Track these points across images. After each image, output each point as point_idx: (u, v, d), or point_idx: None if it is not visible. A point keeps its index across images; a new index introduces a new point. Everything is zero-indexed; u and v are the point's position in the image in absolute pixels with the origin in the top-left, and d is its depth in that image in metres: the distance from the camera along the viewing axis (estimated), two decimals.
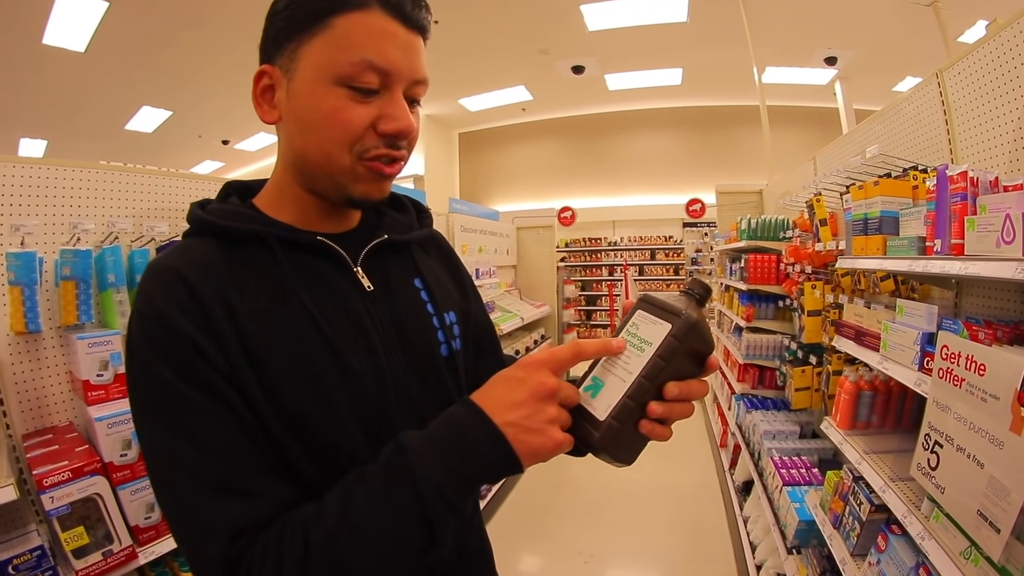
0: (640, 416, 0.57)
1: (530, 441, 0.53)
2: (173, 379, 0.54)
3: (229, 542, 0.52)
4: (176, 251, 0.62)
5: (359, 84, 0.59)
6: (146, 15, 5.21)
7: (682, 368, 0.58)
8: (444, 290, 0.80)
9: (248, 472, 0.55)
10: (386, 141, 0.62)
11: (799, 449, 2.49)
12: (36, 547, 1.31)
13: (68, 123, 7.70)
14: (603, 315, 9.71)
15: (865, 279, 2.02)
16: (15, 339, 1.54)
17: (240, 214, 0.66)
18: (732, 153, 9.23)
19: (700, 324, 0.58)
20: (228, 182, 0.74)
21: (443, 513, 0.52)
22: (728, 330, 4.06)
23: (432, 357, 0.73)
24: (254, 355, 0.58)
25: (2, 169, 1.52)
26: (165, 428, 0.55)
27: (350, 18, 0.58)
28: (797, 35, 6.23)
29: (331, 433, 0.61)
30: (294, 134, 0.63)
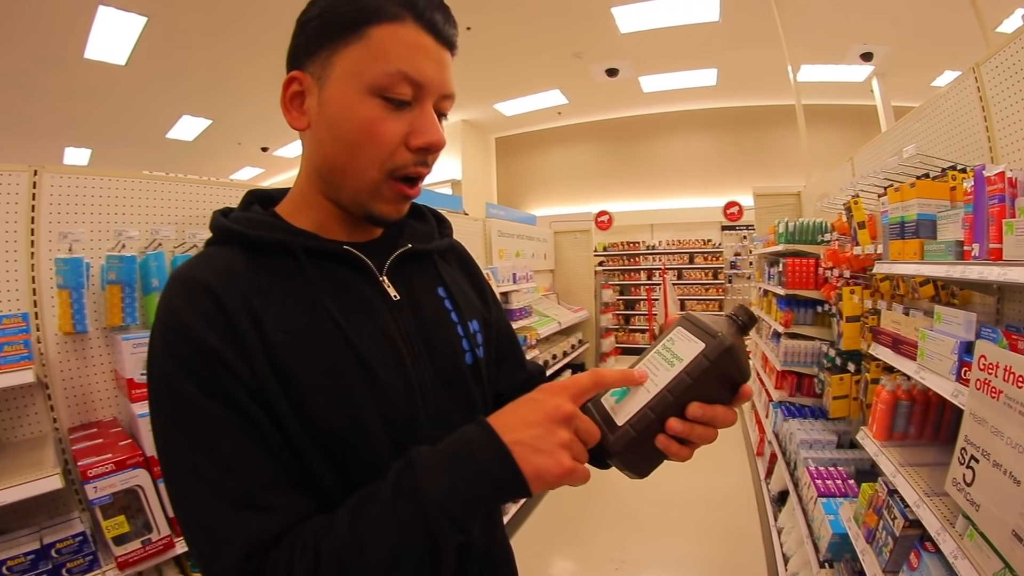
0: (658, 430, 0.56)
1: (536, 462, 0.51)
2: (195, 393, 0.53)
3: (245, 557, 0.51)
4: (200, 260, 0.61)
5: (393, 95, 0.59)
6: (183, 28, 5.45)
7: (710, 391, 0.57)
8: (467, 299, 0.80)
9: (268, 487, 0.54)
10: (416, 157, 0.63)
11: (836, 459, 2.40)
12: (78, 533, 1.39)
13: (111, 133, 8.07)
14: (641, 319, 9.56)
15: (904, 284, 1.94)
16: (63, 339, 1.64)
17: (264, 222, 0.65)
18: (769, 154, 8.96)
19: (735, 350, 0.56)
20: (250, 190, 0.74)
21: (447, 530, 0.50)
22: (766, 336, 3.95)
23: (457, 366, 0.72)
24: (281, 367, 0.57)
25: (50, 180, 1.62)
26: (185, 441, 0.54)
27: (385, 29, 0.58)
28: (831, 31, 6.00)
29: (358, 446, 0.60)
30: (324, 141, 0.62)
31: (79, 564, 1.37)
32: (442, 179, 9.63)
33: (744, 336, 0.59)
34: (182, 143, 8.90)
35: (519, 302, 4.03)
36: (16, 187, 1.55)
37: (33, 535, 1.39)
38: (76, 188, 1.69)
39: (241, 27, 5.46)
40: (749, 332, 0.59)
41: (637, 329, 9.60)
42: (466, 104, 8.88)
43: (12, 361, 1.37)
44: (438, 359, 0.70)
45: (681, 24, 6.02)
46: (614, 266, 9.89)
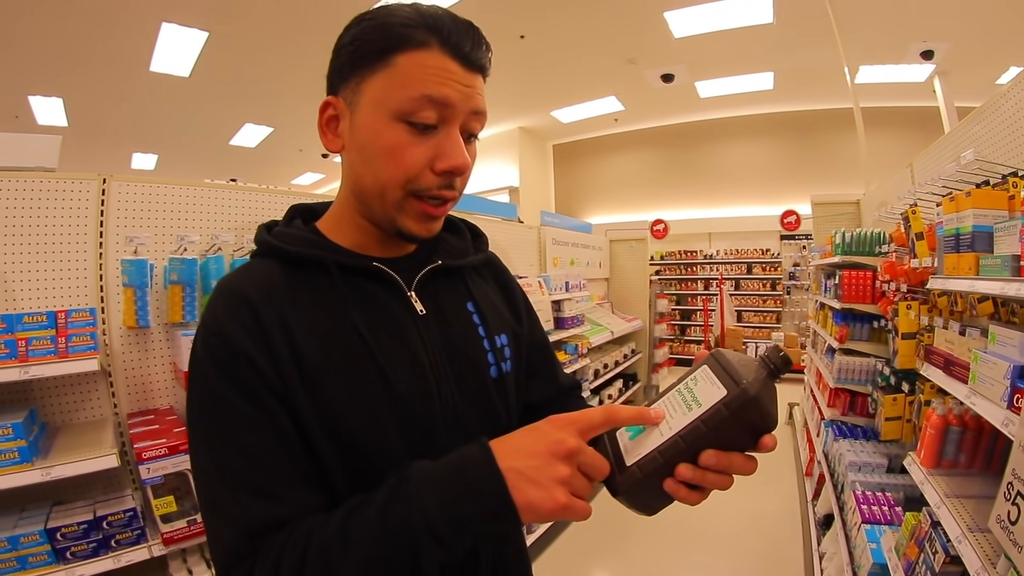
0: (667, 474, 0.55)
1: (529, 492, 0.51)
2: (227, 390, 0.58)
3: (248, 537, 0.56)
4: (243, 272, 0.66)
5: (417, 120, 0.61)
6: (244, 41, 5.75)
7: (728, 438, 0.54)
8: (496, 313, 0.81)
9: (279, 480, 0.58)
10: (442, 180, 0.64)
11: (884, 484, 2.25)
12: (129, 508, 1.52)
13: (176, 140, 8.61)
14: (697, 330, 9.31)
15: (962, 300, 1.81)
16: (127, 333, 1.80)
17: (302, 239, 0.69)
18: (829, 160, 8.53)
19: (760, 399, 0.53)
20: (293, 205, 0.78)
21: (430, 547, 0.51)
22: (821, 351, 3.77)
23: (482, 380, 0.74)
24: (308, 375, 0.60)
25: (118, 188, 1.78)
26: (214, 429, 0.59)
27: (411, 56, 0.60)
28: (888, 29, 5.65)
29: (376, 453, 0.63)
30: (355, 163, 0.66)
31: (127, 537, 1.50)
32: (500, 186, 9.72)
33: (775, 381, 0.55)
34: (245, 149, 9.39)
35: (571, 310, 3.99)
36: (87, 194, 1.72)
37: (88, 507, 1.53)
38: (142, 195, 1.85)
39: (299, 38, 5.73)
40: (780, 377, 0.55)
41: (692, 340, 9.36)
42: (523, 111, 8.94)
43: (79, 351, 1.51)
44: (462, 373, 0.72)
45: (734, 27, 5.85)
46: (671, 275, 9.68)
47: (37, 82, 6.17)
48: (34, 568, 1.39)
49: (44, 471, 1.37)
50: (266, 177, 10.98)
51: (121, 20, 5.03)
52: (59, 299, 1.68)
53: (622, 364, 5.10)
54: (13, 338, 1.42)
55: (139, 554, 1.51)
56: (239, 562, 0.56)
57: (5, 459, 1.34)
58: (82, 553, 1.45)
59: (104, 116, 7.28)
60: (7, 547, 1.36)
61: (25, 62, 5.63)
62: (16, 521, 1.45)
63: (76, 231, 1.72)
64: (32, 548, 1.38)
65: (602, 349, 4.91)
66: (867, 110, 5.45)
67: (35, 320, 1.45)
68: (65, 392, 1.69)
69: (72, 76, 6.05)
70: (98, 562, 1.45)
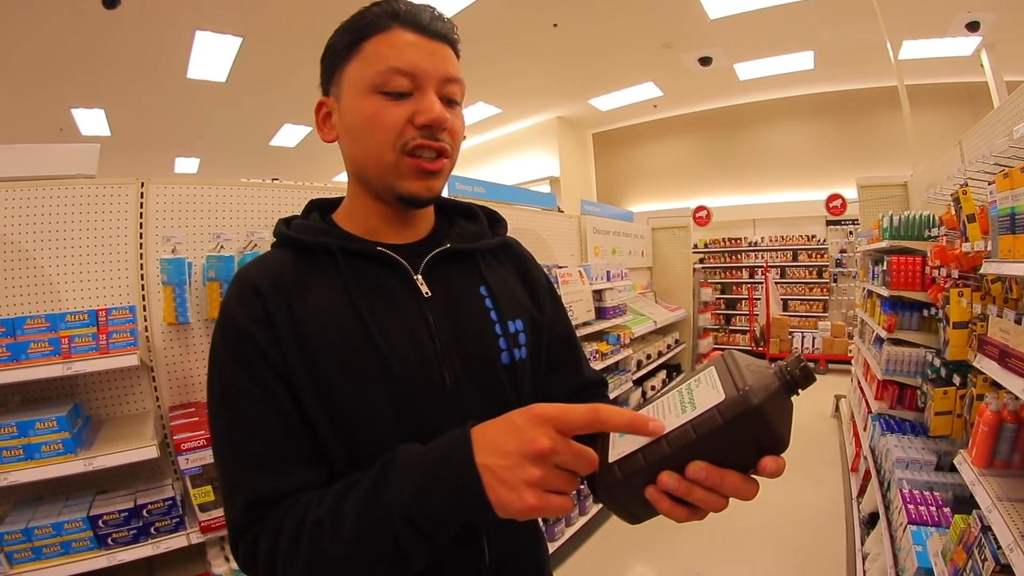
0: (648, 480, 0.49)
1: (500, 493, 0.50)
2: (236, 370, 0.64)
3: (250, 506, 0.61)
4: (258, 262, 0.71)
5: (390, 89, 0.66)
6: (277, 44, 5.85)
7: (721, 451, 0.48)
8: (511, 298, 0.80)
9: (281, 455, 0.63)
10: (423, 132, 0.67)
11: (932, 483, 2.13)
12: (169, 497, 1.59)
13: (217, 143, 8.87)
14: (742, 320, 9.05)
15: (1017, 286, 1.68)
16: (167, 329, 1.87)
17: (313, 228, 0.74)
18: (874, 141, 8.08)
19: (762, 411, 0.46)
20: (311, 200, 0.82)
21: (409, 530, 0.53)
22: (869, 341, 3.61)
23: (491, 364, 0.74)
24: (308, 356, 0.64)
25: (155, 190, 1.85)
26: (224, 405, 0.65)
27: (376, 40, 0.67)
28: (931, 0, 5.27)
29: (371, 431, 0.65)
30: (347, 144, 0.71)
31: (166, 524, 1.57)
32: (540, 176, 9.66)
33: (793, 395, 0.48)
34: (285, 149, 9.62)
35: (613, 300, 3.94)
36: (126, 197, 1.80)
37: (128, 496, 1.61)
38: (179, 197, 1.91)
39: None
40: (800, 391, 0.48)
41: (737, 330, 9.09)
42: (560, 101, 8.84)
43: (120, 347, 1.59)
44: (469, 356, 0.72)
45: (770, 5, 5.58)
46: (715, 263, 9.43)
47: (79, 95, 6.46)
48: (77, 553, 1.48)
49: (86, 461, 1.45)
50: (307, 175, 11.26)
51: (156, 31, 5.22)
52: (102, 298, 1.77)
53: (665, 354, 5.00)
54: (57, 336, 1.50)
55: (177, 541, 1.59)
56: (245, 533, 0.62)
57: (50, 450, 1.42)
58: (123, 539, 1.52)
59: (145, 124, 7.58)
60: (52, 533, 1.44)
61: (66, 76, 5.90)
62: (61, 508, 1.53)
63: (116, 233, 1.80)
64: (75, 534, 1.47)
65: (645, 339, 4.82)
66: (912, 87, 5.13)
67: (77, 319, 1.53)
68: (108, 386, 1.78)
69: (112, 87, 6.32)
70: (138, 548, 1.53)
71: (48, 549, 1.45)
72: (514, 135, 9.99)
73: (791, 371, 0.48)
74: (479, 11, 5.40)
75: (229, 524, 0.63)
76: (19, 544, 1.43)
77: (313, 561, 0.56)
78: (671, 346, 5.20)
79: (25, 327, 1.47)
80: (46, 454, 1.43)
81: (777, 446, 0.48)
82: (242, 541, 0.62)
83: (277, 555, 0.58)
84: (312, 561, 0.56)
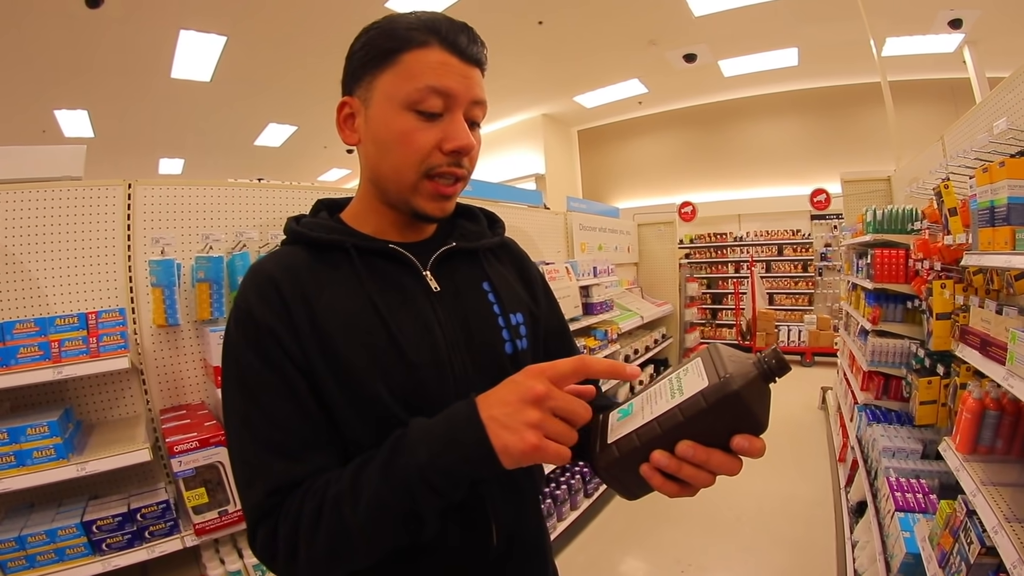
0: (643, 458, 0.56)
1: (504, 437, 0.55)
2: (253, 360, 0.66)
3: (270, 493, 0.63)
4: (272, 256, 0.74)
5: (424, 108, 0.68)
6: (262, 43, 5.81)
7: (705, 431, 0.54)
8: (512, 293, 0.84)
9: (298, 441, 0.65)
10: (449, 159, 0.70)
11: (919, 471, 2.18)
12: (162, 501, 1.58)
13: (202, 143, 8.77)
14: (729, 314, 9.14)
15: (998, 278, 1.72)
16: (157, 331, 1.85)
17: (325, 226, 0.76)
18: (858, 137, 8.22)
19: (741, 396, 0.52)
20: (319, 200, 0.86)
21: (424, 493, 0.57)
22: (854, 333, 3.67)
23: (495, 354, 0.78)
24: (327, 346, 0.67)
25: (143, 192, 1.83)
26: (242, 395, 0.66)
27: (414, 54, 0.68)
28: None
29: (391, 415, 0.68)
30: (372, 153, 0.73)
31: (160, 528, 1.56)
32: (526, 174, 9.66)
33: (771, 382, 0.54)
34: (270, 149, 9.54)
35: (600, 296, 3.95)
36: (113, 199, 1.77)
37: (122, 500, 1.59)
38: (166, 198, 1.89)
39: (317, 36, 5.77)
40: (776, 379, 0.53)
41: (724, 324, 9.20)
42: (545, 98, 8.86)
43: (110, 349, 1.57)
44: (476, 346, 0.76)
45: (756, 2, 5.65)
46: (700, 259, 9.52)
47: (61, 96, 6.36)
48: (71, 560, 1.46)
49: (79, 466, 1.43)
50: (292, 175, 11.16)
51: (140, 30, 5.15)
52: (90, 301, 1.75)
53: (653, 349, 5.04)
54: (47, 340, 1.48)
55: (172, 545, 1.57)
56: (265, 519, 0.63)
57: (42, 456, 1.40)
58: (117, 544, 1.51)
59: (129, 125, 7.48)
60: (46, 540, 1.42)
61: (49, 77, 5.80)
62: (54, 515, 1.51)
63: (104, 235, 1.78)
64: (69, 540, 1.45)
65: (632, 334, 4.87)
66: (895, 84, 5.23)
67: (67, 322, 1.51)
68: (99, 390, 1.76)
69: (95, 88, 6.23)
70: (132, 553, 1.51)
71: (42, 557, 1.42)
72: (499, 132, 9.96)
73: (768, 361, 0.53)
74: (464, 8, 5.39)
75: (248, 510, 0.65)
76: (13, 553, 1.40)
77: (334, 534, 0.59)
78: (658, 341, 5.25)
79: (14, 332, 1.44)
80: (38, 460, 1.41)
81: (755, 427, 0.53)
82: (261, 527, 0.63)
83: (299, 535, 0.61)
84: (333, 534, 0.59)
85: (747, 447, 0.53)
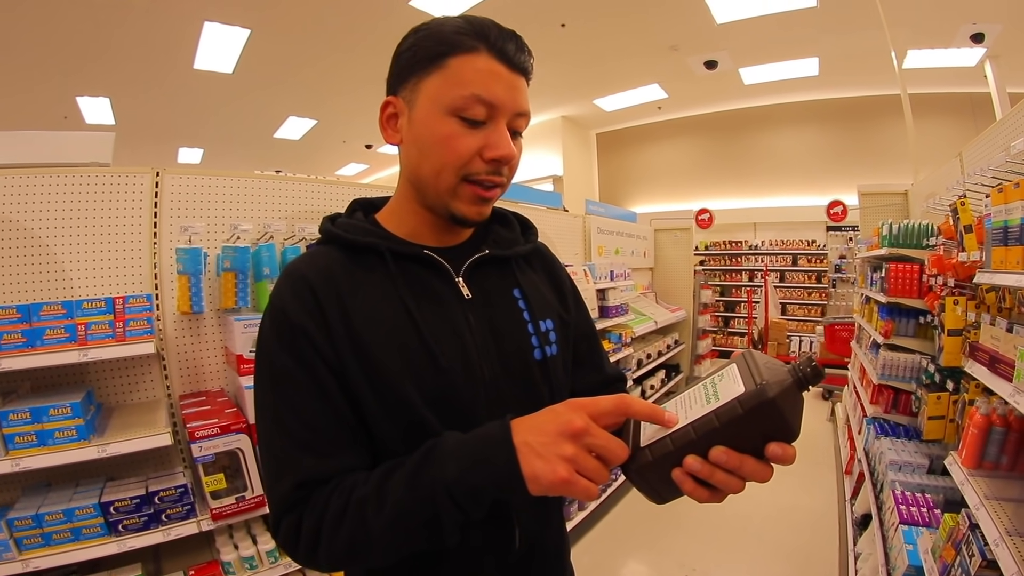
0: (675, 462, 0.55)
1: (535, 464, 0.56)
2: (287, 359, 0.67)
3: (298, 487, 0.65)
4: (307, 258, 0.75)
5: (468, 115, 0.68)
6: (285, 37, 5.86)
7: (740, 438, 0.54)
8: (542, 299, 0.85)
9: (327, 439, 0.67)
10: (489, 167, 0.70)
11: (924, 485, 2.17)
12: (180, 485, 1.61)
13: (222, 134, 8.86)
14: (741, 323, 9.11)
15: (1011, 297, 1.72)
16: (180, 318, 1.90)
17: (361, 228, 0.77)
18: (876, 149, 8.14)
19: (776, 404, 0.52)
20: (355, 199, 0.86)
21: (450, 510, 0.58)
22: (866, 346, 3.65)
23: (525, 361, 0.78)
24: (361, 349, 0.68)
25: (170, 180, 1.88)
26: (274, 392, 0.68)
27: (462, 60, 0.68)
28: (936, 11, 5.31)
29: (421, 420, 0.69)
30: (413, 155, 0.73)
31: (177, 512, 1.60)
32: (544, 175, 9.68)
33: (804, 390, 0.54)
34: (289, 142, 9.59)
35: (616, 299, 3.98)
36: (140, 186, 1.82)
37: (140, 483, 1.63)
38: (194, 187, 1.93)
39: (340, 32, 5.81)
40: (809, 388, 0.54)
41: (736, 332, 9.16)
42: (565, 100, 8.86)
43: (137, 334, 1.61)
44: (505, 353, 0.77)
45: (777, 11, 5.62)
46: (716, 266, 9.50)
47: (84, 83, 6.46)
48: (87, 540, 1.49)
49: (100, 448, 1.47)
50: (310, 168, 11.24)
51: (164, 21, 5.23)
52: (114, 287, 1.79)
53: (665, 355, 5.05)
54: (73, 323, 1.52)
55: (188, 528, 1.61)
56: (290, 511, 0.65)
57: (63, 436, 1.44)
58: (133, 526, 1.54)
59: (150, 114, 7.57)
60: (63, 519, 1.45)
61: (72, 64, 5.90)
62: (71, 495, 1.55)
63: (131, 222, 1.82)
64: (86, 520, 1.48)
65: (645, 339, 4.87)
66: (915, 96, 5.17)
67: (94, 306, 1.55)
68: (121, 374, 1.81)
69: (118, 76, 6.32)
70: (148, 535, 1.55)
71: (58, 535, 1.46)
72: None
73: (803, 369, 0.53)
74: (488, 9, 5.42)
75: (274, 501, 0.67)
76: (29, 530, 1.44)
77: (356, 535, 0.61)
78: (671, 346, 5.25)
79: (41, 314, 1.49)
80: (59, 440, 1.44)
81: (789, 435, 0.54)
82: (286, 518, 0.65)
83: (322, 530, 0.62)
84: (355, 533, 0.61)
85: (781, 455, 0.53)
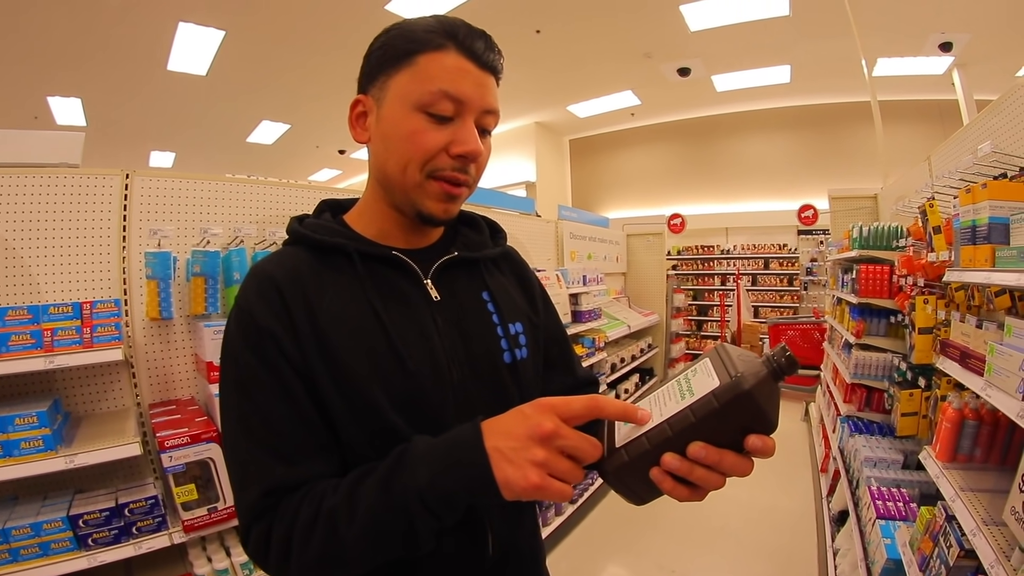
0: (653, 461, 0.54)
1: (506, 471, 0.54)
2: (252, 361, 0.65)
3: (265, 494, 0.62)
4: (274, 258, 0.73)
5: (435, 111, 0.67)
6: (260, 40, 5.78)
7: (717, 432, 0.52)
8: (511, 302, 0.84)
9: (295, 445, 0.65)
10: (455, 163, 0.70)
11: (900, 480, 2.23)
12: (151, 496, 1.55)
13: (194, 137, 8.69)
14: (714, 326, 9.25)
15: (979, 294, 1.78)
16: (149, 324, 1.83)
17: (329, 228, 0.76)
18: (846, 154, 8.40)
19: (752, 395, 0.51)
20: (323, 200, 0.85)
21: (423, 514, 0.57)
22: (838, 346, 3.74)
23: (494, 363, 0.78)
24: (327, 349, 0.66)
25: (140, 183, 1.82)
26: (240, 396, 0.66)
27: (431, 57, 0.67)
28: (906, 20, 5.52)
29: (390, 424, 0.67)
30: (380, 152, 0.72)
31: (148, 524, 1.54)
32: (517, 181, 9.69)
33: (779, 381, 0.53)
34: (262, 146, 9.45)
35: (588, 304, 4.00)
36: (110, 189, 1.76)
37: (109, 495, 1.56)
38: (164, 190, 1.88)
39: (316, 37, 5.76)
40: (784, 378, 0.53)
41: (709, 335, 9.29)
42: (539, 106, 8.91)
43: (104, 340, 1.55)
44: (474, 356, 0.76)
45: (751, 20, 5.77)
46: (688, 270, 9.64)
47: (55, 83, 6.27)
48: (56, 554, 1.42)
49: (68, 459, 1.40)
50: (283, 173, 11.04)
51: (138, 20, 5.11)
52: (82, 291, 1.72)
53: (639, 358, 5.10)
54: (39, 328, 1.45)
55: (160, 541, 1.55)
56: (258, 519, 0.63)
57: (30, 447, 1.37)
58: (103, 540, 1.48)
59: (122, 115, 7.39)
60: (30, 533, 1.38)
61: (43, 63, 5.73)
62: (39, 508, 1.48)
63: (100, 225, 1.75)
64: (54, 535, 1.41)
65: (619, 343, 4.92)
66: (885, 103, 5.33)
67: (61, 311, 1.49)
68: (88, 382, 1.74)
69: (90, 76, 6.15)
70: (119, 549, 1.48)
71: (26, 551, 1.39)
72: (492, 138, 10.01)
73: (777, 359, 0.52)
74: (463, 14, 5.36)
75: (242, 510, 0.65)
76: None
77: (328, 544, 0.59)
78: (644, 350, 5.31)
79: (6, 319, 1.42)
80: (26, 451, 1.38)
81: (767, 426, 0.52)
82: (255, 527, 0.63)
83: (292, 539, 0.60)
84: (327, 544, 0.59)
85: (761, 447, 0.52)
